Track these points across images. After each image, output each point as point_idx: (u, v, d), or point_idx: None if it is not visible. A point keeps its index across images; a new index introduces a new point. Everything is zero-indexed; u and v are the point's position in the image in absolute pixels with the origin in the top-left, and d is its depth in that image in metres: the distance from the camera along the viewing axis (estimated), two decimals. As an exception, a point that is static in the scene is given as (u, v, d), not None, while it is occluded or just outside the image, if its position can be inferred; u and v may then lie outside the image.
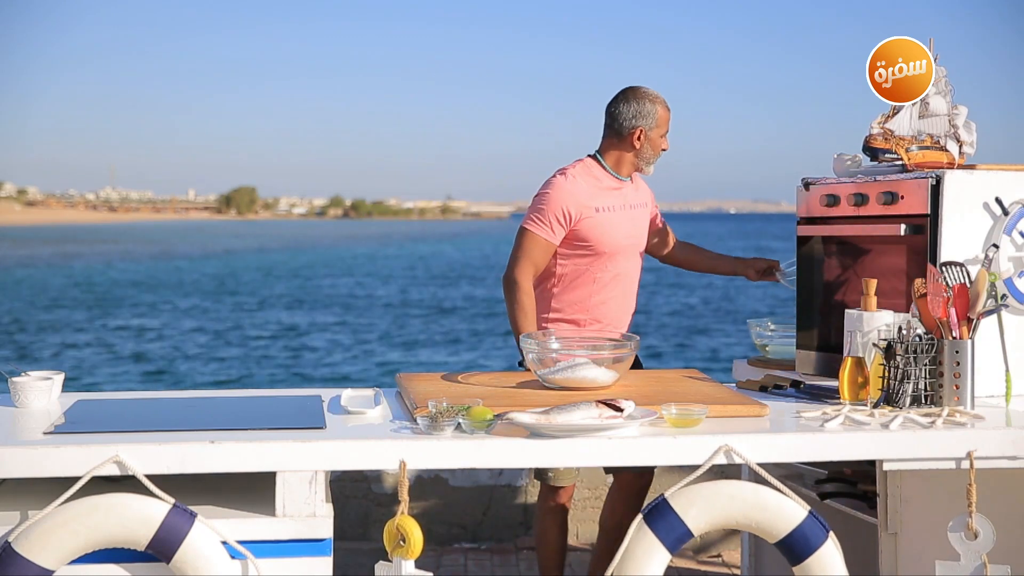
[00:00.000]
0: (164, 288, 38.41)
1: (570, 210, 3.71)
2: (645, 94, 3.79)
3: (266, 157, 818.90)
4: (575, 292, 3.79)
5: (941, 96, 3.41)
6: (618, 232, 3.79)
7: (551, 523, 3.84)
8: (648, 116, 3.78)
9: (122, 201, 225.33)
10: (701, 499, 2.63)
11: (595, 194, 3.77)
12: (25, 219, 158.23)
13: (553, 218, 3.72)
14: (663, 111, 3.81)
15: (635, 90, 3.81)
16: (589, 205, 3.74)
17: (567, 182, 3.75)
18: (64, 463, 2.51)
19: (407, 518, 2.59)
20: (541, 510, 3.87)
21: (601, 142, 3.86)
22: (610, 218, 3.77)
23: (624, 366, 3.16)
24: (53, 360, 20.50)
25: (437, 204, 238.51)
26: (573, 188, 3.74)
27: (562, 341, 3.32)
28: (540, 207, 3.75)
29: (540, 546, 3.88)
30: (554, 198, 3.73)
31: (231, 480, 2.75)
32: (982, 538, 2.71)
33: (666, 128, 3.84)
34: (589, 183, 3.78)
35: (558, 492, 3.82)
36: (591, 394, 3.01)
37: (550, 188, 3.76)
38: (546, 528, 3.85)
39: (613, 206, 3.79)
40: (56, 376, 3.07)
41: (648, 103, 3.78)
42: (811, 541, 2.62)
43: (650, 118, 3.78)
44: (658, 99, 3.81)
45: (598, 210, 3.75)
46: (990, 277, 2.96)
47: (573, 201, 3.72)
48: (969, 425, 2.77)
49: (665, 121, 3.83)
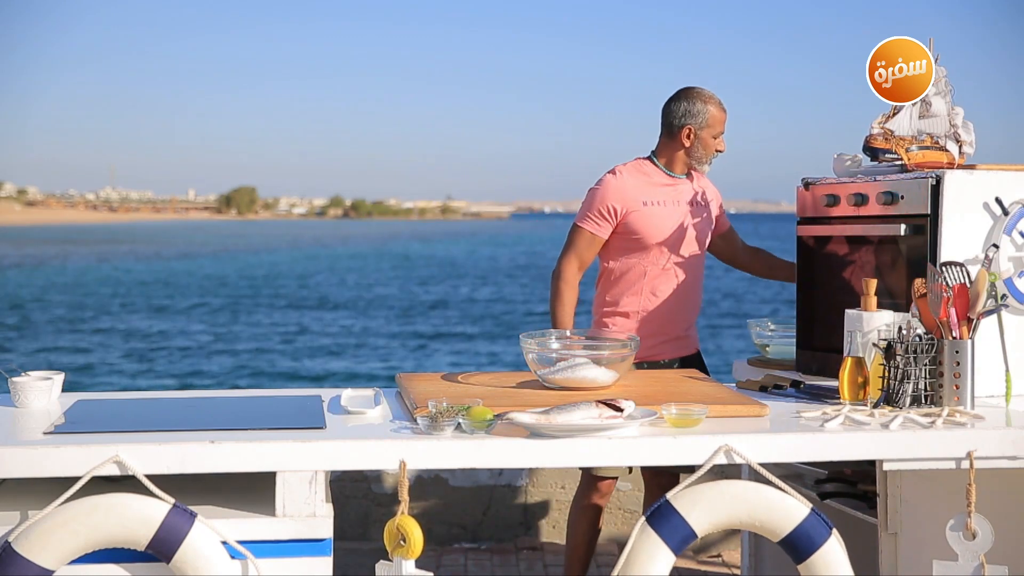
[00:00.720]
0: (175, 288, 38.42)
1: (615, 205, 3.83)
2: (698, 94, 3.88)
3: (266, 157, 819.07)
4: (626, 286, 3.89)
5: (941, 96, 3.41)
6: (667, 226, 3.85)
7: (581, 519, 3.87)
8: (699, 115, 3.86)
9: (122, 201, 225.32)
10: (704, 500, 2.62)
11: (644, 189, 3.87)
12: (25, 219, 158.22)
13: (598, 213, 3.85)
14: (716, 111, 3.88)
15: (688, 90, 3.91)
16: (636, 199, 3.84)
17: (615, 179, 3.88)
18: (64, 463, 2.51)
19: (407, 518, 2.59)
20: (574, 505, 3.91)
21: (657, 140, 3.97)
22: (659, 212, 3.85)
23: (624, 366, 3.16)
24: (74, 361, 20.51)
25: (437, 204, 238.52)
26: (620, 184, 3.86)
27: (562, 341, 3.32)
28: (588, 203, 3.89)
29: (567, 541, 3.93)
30: (600, 194, 3.86)
31: (231, 480, 2.75)
32: (980, 538, 2.70)
33: (719, 128, 3.91)
34: (638, 179, 3.88)
35: (595, 487, 3.84)
36: (591, 394, 3.01)
37: (599, 185, 3.90)
38: (575, 524, 3.88)
39: (663, 201, 3.88)
40: (56, 376, 3.07)
41: (700, 103, 3.86)
42: (814, 539, 2.63)
43: (700, 117, 3.86)
44: (711, 99, 3.88)
45: (646, 204, 3.85)
46: (990, 277, 2.96)
47: (619, 196, 3.83)
48: (969, 425, 2.77)
49: (718, 121, 3.89)
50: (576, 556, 3.88)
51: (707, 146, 3.90)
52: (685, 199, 3.93)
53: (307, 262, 56.29)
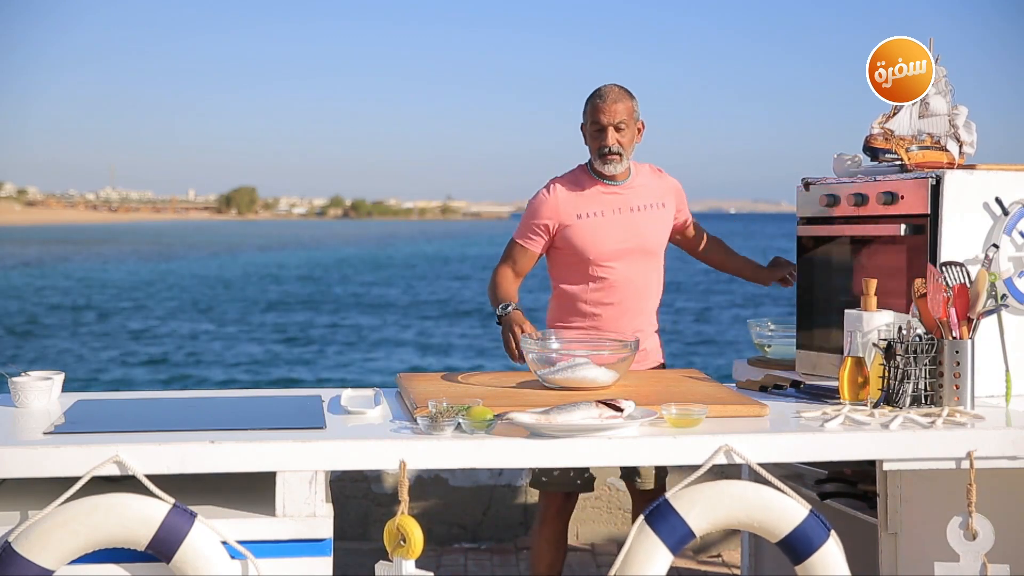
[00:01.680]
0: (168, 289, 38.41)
1: (547, 222, 3.69)
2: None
3: (266, 157, 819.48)
4: (572, 301, 3.73)
5: (941, 96, 3.41)
6: (608, 236, 3.68)
7: (540, 538, 3.68)
8: (584, 112, 3.68)
9: (122, 201, 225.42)
10: (703, 499, 2.62)
11: (577, 202, 3.68)
12: (25, 219, 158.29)
13: (532, 229, 3.73)
14: (592, 102, 3.64)
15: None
16: (570, 213, 3.67)
17: (547, 194, 3.72)
18: (64, 463, 2.51)
19: (407, 518, 2.59)
20: (536, 522, 3.74)
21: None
22: (596, 224, 3.67)
23: (624, 366, 3.16)
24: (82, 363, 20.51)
25: (437, 204, 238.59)
26: (551, 199, 3.70)
27: (562, 341, 3.31)
28: (524, 217, 3.78)
29: (532, 559, 3.74)
30: (532, 210, 3.74)
31: (231, 480, 2.75)
32: (981, 538, 2.70)
33: (594, 119, 3.63)
34: (571, 191, 3.70)
35: (550, 502, 3.65)
36: (591, 394, 3.01)
37: (532, 201, 3.76)
38: (538, 543, 3.70)
39: (601, 211, 3.69)
40: (56, 376, 3.07)
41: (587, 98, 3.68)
42: (813, 540, 2.63)
43: (584, 114, 3.68)
44: (594, 91, 3.67)
45: (580, 216, 3.67)
46: (990, 277, 2.96)
47: (551, 212, 3.68)
48: (969, 425, 2.77)
49: (594, 110, 3.63)
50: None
51: (590, 142, 3.67)
52: (631, 205, 3.72)
53: (308, 262, 56.28)
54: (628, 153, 3.69)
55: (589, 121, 3.66)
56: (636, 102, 3.69)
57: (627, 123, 3.64)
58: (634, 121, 3.68)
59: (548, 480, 3.62)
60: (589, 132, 3.67)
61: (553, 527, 3.67)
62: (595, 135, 3.65)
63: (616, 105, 3.62)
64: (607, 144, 3.62)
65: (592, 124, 3.65)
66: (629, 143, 3.67)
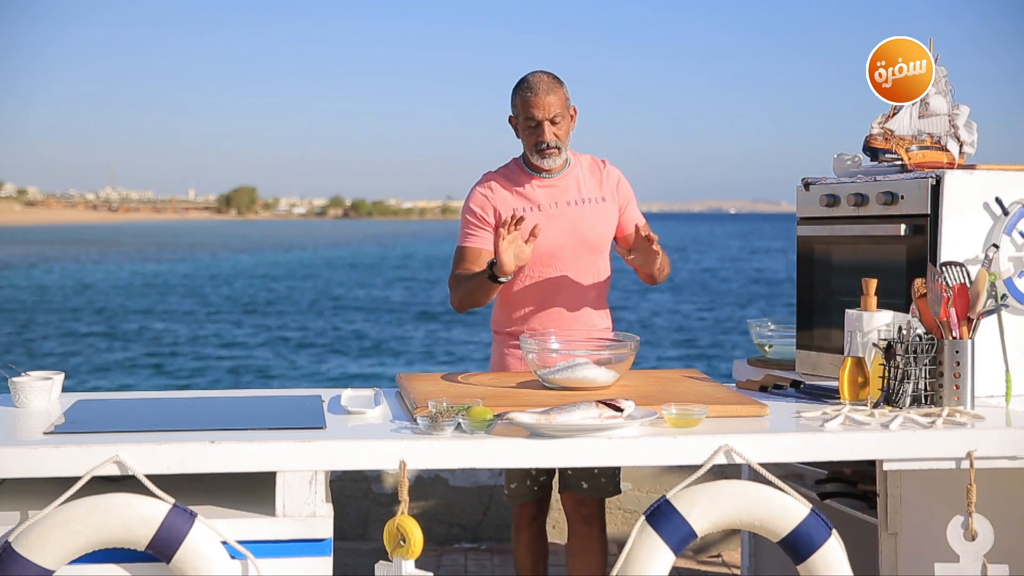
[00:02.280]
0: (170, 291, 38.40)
1: (486, 215, 3.54)
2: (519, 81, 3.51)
3: (266, 157, 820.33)
4: (512, 306, 3.61)
5: (941, 96, 3.41)
6: (545, 233, 3.48)
7: (519, 545, 3.69)
8: (513, 104, 3.53)
9: (122, 201, 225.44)
10: (704, 499, 2.62)
11: (510, 199, 3.55)
12: (25, 219, 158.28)
13: (475, 225, 3.56)
14: (522, 96, 3.47)
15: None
16: (507, 210, 3.51)
17: (483, 190, 3.57)
18: (64, 463, 2.51)
19: (407, 518, 2.59)
20: (512, 531, 3.72)
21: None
22: (533, 219, 3.49)
23: (624, 366, 3.16)
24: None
25: (437, 204, 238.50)
26: (487, 194, 3.57)
27: (562, 341, 3.29)
28: (462, 220, 3.60)
29: (516, 564, 3.74)
30: (469, 208, 3.58)
31: (231, 480, 2.75)
32: (981, 538, 2.70)
33: (527, 114, 3.46)
34: (507, 188, 3.56)
35: (522, 511, 3.65)
36: (591, 394, 3.01)
37: (468, 199, 3.60)
38: (517, 549, 3.70)
39: (539, 206, 3.54)
40: (56, 376, 3.07)
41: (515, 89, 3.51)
42: (814, 539, 2.62)
43: (513, 107, 3.53)
44: (521, 82, 3.50)
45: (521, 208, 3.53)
46: (990, 277, 2.96)
47: (489, 206, 3.55)
48: (969, 425, 2.77)
49: (525, 107, 3.46)
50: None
51: (525, 137, 3.52)
52: (567, 198, 3.56)
53: (308, 263, 56.26)
54: (565, 144, 3.54)
55: (522, 116, 3.49)
56: (566, 87, 3.53)
57: (561, 114, 3.49)
58: (567, 110, 3.52)
59: (510, 495, 3.62)
60: (522, 127, 3.51)
61: (529, 532, 3.67)
62: (530, 131, 3.49)
63: (548, 97, 3.45)
64: (544, 140, 3.47)
65: (525, 119, 3.48)
66: (565, 134, 3.53)
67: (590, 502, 3.55)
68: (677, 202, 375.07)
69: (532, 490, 3.62)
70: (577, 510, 3.56)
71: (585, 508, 3.56)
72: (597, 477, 3.53)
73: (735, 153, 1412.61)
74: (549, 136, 3.47)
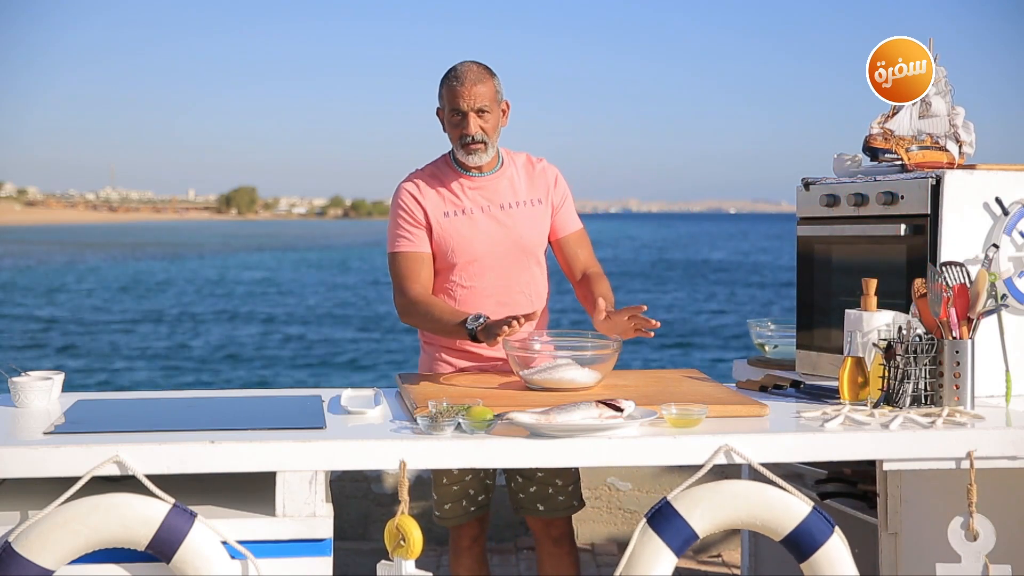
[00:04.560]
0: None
1: (416, 213, 3.33)
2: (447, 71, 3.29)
3: (266, 157, 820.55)
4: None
5: (941, 96, 3.41)
6: (474, 238, 3.31)
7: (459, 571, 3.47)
8: (439, 95, 3.29)
9: (122, 201, 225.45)
10: (705, 500, 2.62)
11: (441, 199, 3.34)
12: (25, 219, 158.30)
13: (406, 230, 3.34)
14: (448, 85, 3.24)
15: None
16: (436, 210, 3.33)
17: (411, 189, 3.35)
18: (64, 463, 2.51)
19: (407, 518, 2.59)
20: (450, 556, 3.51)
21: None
22: (461, 223, 3.32)
23: (607, 367, 3.14)
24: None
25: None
26: (414, 193, 3.35)
27: (544, 342, 3.21)
28: (392, 223, 3.38)
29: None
30: (398, 208, 3.36)
31: (231, 480, 2.75)
32: (982, 538, 2.70)
33: (453, 105, 3.24)
34: (434, 187, 3.35)
35: (460, 534, 3.44)
36: (591, 394, 3.01)
37: (395, 200, 3.37)
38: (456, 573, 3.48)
39: (468, 208, 3.34)
40: (56, 376, 3.07)
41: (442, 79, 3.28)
42: (816, 537, 2.62)
43: (439, 97, 3.29)
44: (448, 72, 3.26)
45: (447, 215, 3.33)
46: (990, 277, 2.96)
47: (418, 206, 3.33)
48: (969, 425, 2.77)
49: (451, 97, 3.23)
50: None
51: (450, 130, 3.29)
52: (499, 200, 3.35)
53: (307, 263, 56.24)
54: (493, 140, 3.31)
55: (447, 107, 3.26)
56: (498, 80, 3.32)
57: (490, 107, 3.26)
58: (498, 103, 3.30)
59: (442, 515, 3.40)
60: (448, 119, 3.28)
61: (470, 556, 3.45)
62: (455, 123, 3.26)
63: (476, 87, 3.23)
64: (469, 132, 3.25)
65: (451, 111, 3.26)
66: (494, 129, 3.30)
67: (558, 522, 3.39)
68: (677, 202, 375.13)
69: (468, 511, 3.40)
70: (546, 532, 3.41)
71: (555, 530, 3.40)
72: (553, 497, 3.37)
73: (735, 153, 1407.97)
74: (474, 129, 3.24)
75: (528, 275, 3.41)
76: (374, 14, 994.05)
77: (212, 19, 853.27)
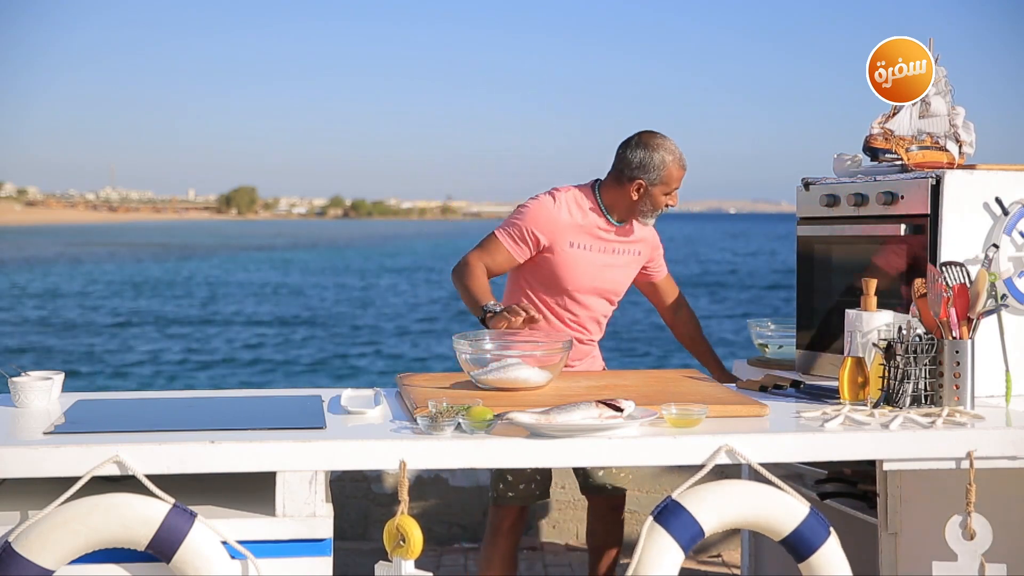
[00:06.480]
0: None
1: (540, 235, 3.54)
2: (659, 146, 3.54)
3: (266, 157, 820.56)
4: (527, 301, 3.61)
5: (941, 96, 3.41)
6: (585, 273, 3.59)
7: (495, 553, 3.56)
8: (653, 170, 3.52)
9: (122, 201, 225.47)
10: (711, 498, 2.62)
11: (575, 229, 3.57)
12: (25, 219, 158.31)
13: (520, 234, 3.56)
14: (675, 169, 3.55)
15: (651, 138, 3.55)
16: (564, 238, 3.56)
17: (552, 205, 3.57)
18: (64, 463, 2.51)
19: (407, 518, 2.59)
20: (488, 537, 3.60)
21: (606, 175, 3.64)
22: (581, 256, 3.58)
23: (558, 367, 3.15)
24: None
25: (437, 204, 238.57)
26: (554, 214, 3.56)
27: (496, 342, 3.20)
28: (515, 220, 3.58)
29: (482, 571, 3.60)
30: (531, 216, 3.56)
31: (231, 480, 2.75)
32: (980, 538, 2.71)
33: (674, 186, 3.58)
34: (574, 214, 3.57)
35: (506, 515, 3.55)
36: (591, 394, 3.01)
37: (532, 204, 3.59)
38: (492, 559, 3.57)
39: (590, 246, 3.60)
40: (56, 376, 3.07)
41: (659, 156, 3.52)
42: (814, 539, 2.63)
43: (655, 172, 3.53)
44: (671, 153, 3.54)
45: (572, 245, 3.57)
46: (990, 277, 2.96)
47: (548, 227, 3.54)
48: (969, 425, 2.77)
49: (675, 179, 3.56)
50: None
51: (656, 203, 3.57)
52: (615, 247, 3.64)
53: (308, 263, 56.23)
54: None
55: (662, 182, 3.54)
56: None
57: None
58: None
59: (514, 495, 3.53)
60: (657, 191, 3.56)
61: (508, 541, 3.57)
62: (663, 196, 3.57)
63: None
64: (673, 205, 3.62)
65: (666, 186, 3.56)
66: None
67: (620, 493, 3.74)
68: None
69: (534, 494, 3.57)
70: (608, 503, 3.73)
71: (616, 499, 3.74)
72: (617, 475, 3.70)
73: (735, 153, 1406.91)
74: (676, 202, 3.64)
75: (606, 310, 3.75)
76: (374, 14, 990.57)
77: (212, 19, 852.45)
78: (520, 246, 3.57)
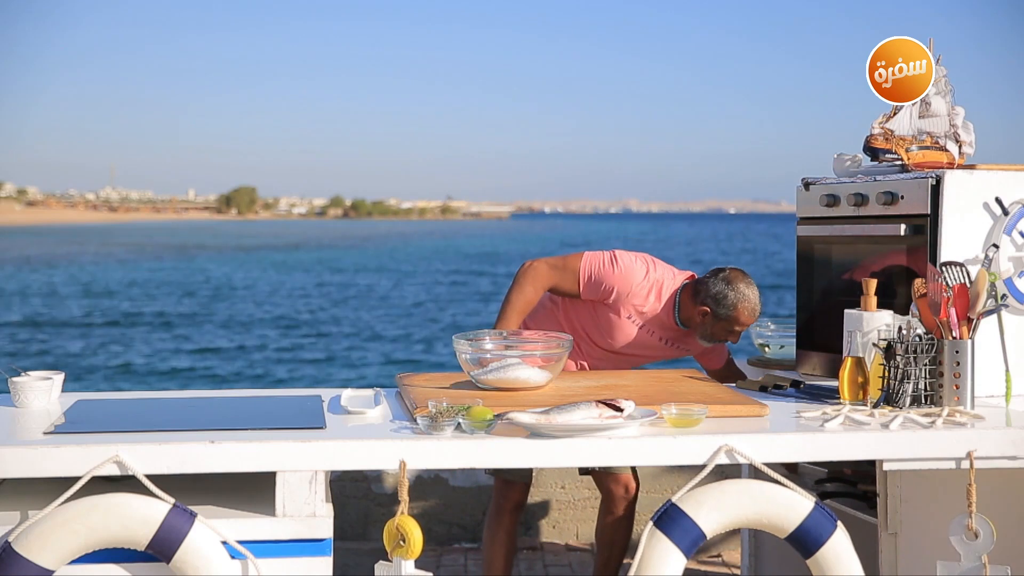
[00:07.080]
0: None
1: (614, 295, 3.63)
2: (739, 289, 3.59)
3: (266, 157, 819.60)
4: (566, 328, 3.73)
5: (941, 96, 3.41)
6: (627, 341, 3.70)
7: (500, 531, 3.71)
8: (724, 307, 3.59)
9: (122, 201, 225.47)
10: (710, 500, 2.62)
11: (644, 307, 3.66)
12: (25, 219, 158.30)
13: (599, 282, 3.64)
14: (743, 316, 3.61)
15: (737, 278, 3.62)
16: (630, 306, 3.65)
17: (641, 278, 3.65)
18: (64, 463, 2.51)
19: (407, 518, 2.59)
20: (491, 517, 3.74)
21: (696, 281, 3.72)
22: (632, 329, 3.69)
23: (558, 366, 3.15)
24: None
25: (437, 204, 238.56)
26: (637, 288, 3.64)
27: (495, 342, 3.23)
28: (604, 269, 3.64)
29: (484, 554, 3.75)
30: (619, 276, 3.64)
31: (231, 480, 2.75)
32: (982, 538, 2.70)
33: (738, 329, 3.65)
34: (650, 299, 3.66)
35: (507, 495, 3.69)
36: (591, 394, 3.01)
37: (627, 264, 3.65)
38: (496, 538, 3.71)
39: (646, 327, 3.69)
40: (56, 376, 3.07)
41: (732, 295, 3.58)
42: (821, 533, 2.62)
43: (724, 309, 3.59)
44: (747, 301, 3.60)
45: (630, 317, 3.68)
46: (990, 277, 2.96)
47: (625, 292, 3.63)
48: (969, 425, 2.77)
49: (739, 324, 3.63)
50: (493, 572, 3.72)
51: (716, 334, 3.65)
52: (666, 340, 3.74)
53: (306, 263, 56.23)
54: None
55: (726, 319, 3.60)
56: None
57: None
58: None
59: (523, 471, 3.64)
60: (719, 325, 3.62)
61: (512, 519, 3.71)
62: (730, 332, 3.64)
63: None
64: (733, 342, 3.72)
65: (729, 325, 3.62)
66: None
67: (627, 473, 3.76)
68: (677, 202, 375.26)
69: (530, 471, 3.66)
70: (618, 483, 3.74)
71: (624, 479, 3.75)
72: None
73: (735, 153, 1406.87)
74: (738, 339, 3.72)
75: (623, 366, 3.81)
76: (374, 14, 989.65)
77: (212, 19, 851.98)
78: (591, 289, 3.65)
